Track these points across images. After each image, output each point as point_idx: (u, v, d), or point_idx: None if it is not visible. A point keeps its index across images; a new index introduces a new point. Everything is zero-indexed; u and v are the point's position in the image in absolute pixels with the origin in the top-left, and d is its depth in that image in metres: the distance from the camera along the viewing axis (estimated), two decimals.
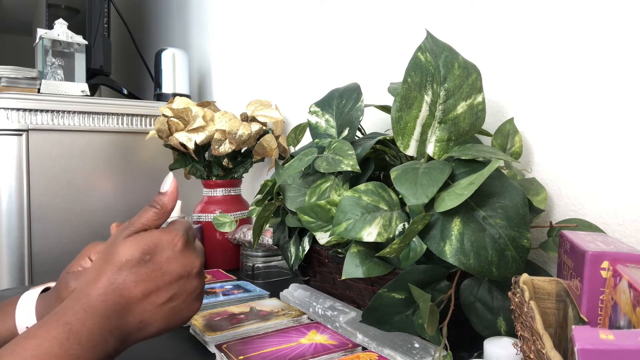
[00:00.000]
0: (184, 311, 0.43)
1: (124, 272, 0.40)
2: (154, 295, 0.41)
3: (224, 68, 1.56)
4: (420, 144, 0.59)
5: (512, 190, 0.53)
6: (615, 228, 0.60)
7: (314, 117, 0.76)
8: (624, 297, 0.33)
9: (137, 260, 0.40)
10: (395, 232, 0.55)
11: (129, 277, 0.40)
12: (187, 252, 0.43)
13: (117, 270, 0.40)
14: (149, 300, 0.41)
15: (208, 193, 1.13)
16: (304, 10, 1.17)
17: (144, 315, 0.41)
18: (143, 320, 0.41)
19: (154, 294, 0.41)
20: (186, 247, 0.43)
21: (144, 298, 0.40)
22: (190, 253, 0.43)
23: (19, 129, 1.24)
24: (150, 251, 0.41)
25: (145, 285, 0.40)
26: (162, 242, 0.42)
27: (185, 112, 1.11)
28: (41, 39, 1.39)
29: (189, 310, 0.44)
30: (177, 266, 0.42)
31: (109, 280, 0.39)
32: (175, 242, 0.42)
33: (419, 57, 0.58)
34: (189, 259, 0.43)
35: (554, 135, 0.67)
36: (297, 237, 0.77)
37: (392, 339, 0.59)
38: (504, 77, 0.73)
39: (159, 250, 0.41)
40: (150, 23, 2.20)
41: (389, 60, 0.94)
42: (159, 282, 0.41)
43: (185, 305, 0.43)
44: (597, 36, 0.61)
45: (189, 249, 0.43)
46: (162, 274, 0.41)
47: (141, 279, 0.40)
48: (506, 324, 0.54)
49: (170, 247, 0.42)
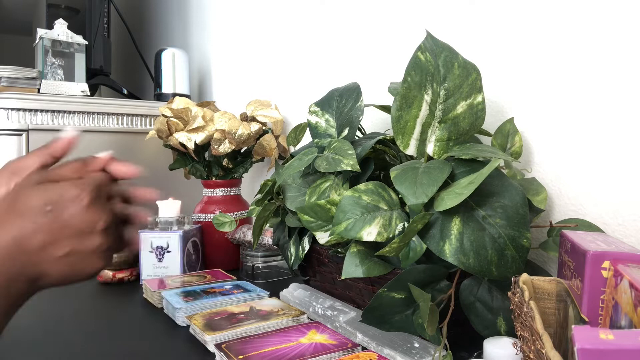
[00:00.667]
0: (85, 267, 0.42)
1: (24, 221, 0.39)
2: (52, 248, 0.40)
3: (224, 68, 1.56)
4: (420, 143, 0.59)
5: (512, 190, 0.53)
6: (615, 228, 0.60)
7: (313, 116, 0.76)
8: (625, 297, 0.33)
9: (38, 209, 0.40)
10: (395, 232, 0.55)
11: (28, 226, 0.39)
12: (92, 209, 0.42)
13: (16, 218, 0.40)
14: (46, 251, 0.40)
15: (208, 193, 1.13)
16: (304, 10, 1.17)
17: (42, 265, 0.40)
18: (42, 270, 0.40)
19: (52, 246, 0.40)
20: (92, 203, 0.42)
21: (41, 249, 0.40)
22: (96, 209, 0.42)
23: (19, 129, 1.24)
24: (53, 202, 0.40)
25: (43, 237, 0.40)
26: (67, 194, 0.41)
27: (185, 112, 1.11)
28: (41, 39, 1.39)
29: (91, 267, 0.43)
30: (78, 221, 0.41)
31: (8, 230, 0.39)
32: (81, 197, 0.42)
33: (419, 56, 0.58)
34: (92, 216, 0.42)
35: (554, 135, 0.67)
36: (297, 237, 0.77)
37: (391, 339, 0.59)
38: (504, 77, 0.73)
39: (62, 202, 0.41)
40: (150, 23, 2.20)
41: (389, 60, 0.94)
42: (57, 235, 0.40)
43: (87, 262, 0.42)
44: (597, 36, 0.61)
45: (94, 205, 0.42)
46: (62, 227, 0.40)
47: (40, 229, 0.40)
48: (506, 323, 0.54)
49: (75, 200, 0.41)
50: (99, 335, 0.69)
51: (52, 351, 0.63)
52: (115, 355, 0.62)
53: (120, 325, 0.73)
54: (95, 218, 0.42)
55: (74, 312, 0.79)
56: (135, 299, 0.86)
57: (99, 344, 0.65)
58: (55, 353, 0.62)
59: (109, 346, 0.65)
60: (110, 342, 0.66)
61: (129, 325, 0.73)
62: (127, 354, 0.62)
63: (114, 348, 0.64)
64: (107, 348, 0.64)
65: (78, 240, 0.41)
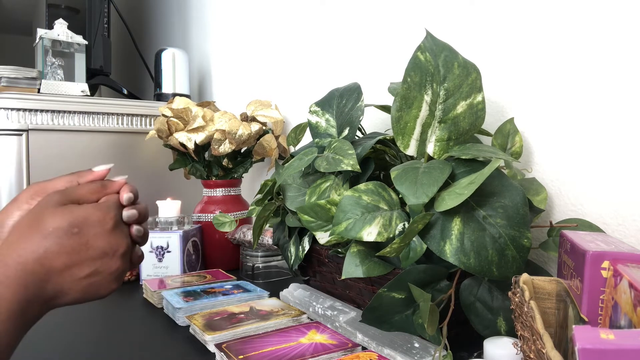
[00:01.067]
0: (101, 288, 0.43)
1: (49, 241, 0.40)
2: (75, 269, 0.41)
3: (224, 68, 1.55)
4: (420, 143, 0.59)
5: (512, 190, 0.53)
6: (615, 228, 0.60)
7: (314, 116, 0.76)
8: (624, 297, 0.33)
9: (64, 231, 0.40)
10: (395, 232, 0.55)
11: (53, 247, 0.40)
12: (115, 232, 0.43)
13: (41, 238, 0.40)
14: (69, 272, 0.41)
15: (208, 193, 1.13)
16: (304, 10, 1.17)
17: (62, 285, 0.41)
18: (61, 290, 0.41)
19: (75, 267, 0.41)
20: (116, 227, 0.43)
21: (65, 270, 0.40)
22: (119, 233, 0.44)
23: (19, 129, 1.24)
24: (79, 224, 0.41)
25: (68, 258, 0.40)
26: (93, 217, 0.42)
27: (185, 112, 1.11)
28: (41, 39, 1.39)
29: (107, 288, 0.44)
30: (103, 244, 0.42)
31: (31, 248, 0.39)
32: (106, 220, 0.43)
33: (419, 56, 0.58)
34: (116, 239, 0.43)
35: (554, 135, 0.67)
36: (297, 237, 0.77)
37: (392, 339, 0.59)
38: (504, 77, 0.73)
39: (88, 224, 0.42)
40: (150, 23, 2.20)
41: (389, 60, 0.94)
42: (82, 256, 0.41)
43: (104, 283, 0.43)
44: (597, 36, 0.61)
45: (118, 228, 0.44)
46: (87, 249, 0.41)
47: (65, 250, 0.40)
48: (506, 323, 0.54)
49: (100, 224, 0.42)
50: (99, 335, 0.69)
51: (52, 351, 0.63)
52: (115, 356, 0.62)
53: (120, 326, 0.73)
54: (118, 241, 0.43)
55: (74, 312, 0.79)
56: (135, 299, 0.86)
57: (98, 344, 0.65)
58: (55, 353, 0.62)
59: (109, 346, 0.65)
60: (110, 342, 0.66)
61: (129, 325, 0.73)
62: (127, 354, 0.62)
63: (114, 348, 0.64)
64: (107, 348, 0.64)
65: (101, 262, 0.42)
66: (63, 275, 0.40)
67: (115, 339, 0.67)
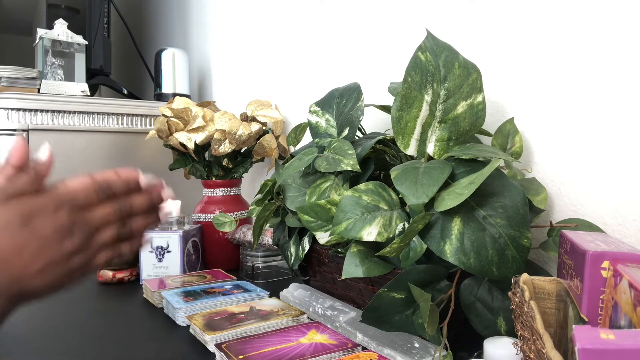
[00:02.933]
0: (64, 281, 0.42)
1: (0, 236, 0.39)
2: (34, 263, 0.40)
3: (224, 68, 1.56)
4: (420, 143, 0.59)
5: (512, 190, 0.53)
6: (615, 228, 0.60)
7: (314, 116, 0.76)
8: (624, 297, 0.33)
9: (14, 224, 0.40)
10: (395, 232, 0.55)
11: (6, 242, 0.39)
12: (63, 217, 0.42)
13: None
14: (30, 267, 0.40)
15: (208, 193, 1.13)
16: (304, 10, 1.17)
17: (22, 282, 0.40)
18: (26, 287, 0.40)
19: (34, 262, 0.40)
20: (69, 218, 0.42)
21: (25, 266, 0.40)
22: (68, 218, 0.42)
23: (19, 129, 1.24)
24: (30, 215, 0.40)
25: (24, 252, 0.40)
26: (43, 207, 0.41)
27: (185, 112, 1.11)
28: (41, 39, 1.39)
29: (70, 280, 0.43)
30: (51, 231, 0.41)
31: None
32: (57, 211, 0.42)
33: (419, 56, 0.58)
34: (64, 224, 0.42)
35: (554, 135, 0.67)
36: (297, 237, 0.77)
37: (392, 339, 0.59)
38: (504, 77, 0.73)
39: (39, 215, 0.41)
40: (150, 23, 2.20)
41: (389, 60, 0.94)
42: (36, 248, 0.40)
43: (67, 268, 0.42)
44: (597, 36, 0.61)
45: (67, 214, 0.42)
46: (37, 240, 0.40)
47: (18, 245, 0.39)
48: (506, 323, 0.54)
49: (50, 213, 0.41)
50: (99, 335, 0.69)
51: (52, 351, 0.63)
52: (115, 356, 0.62)
53: (120, 325, 0.73)
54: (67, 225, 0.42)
55: (74, 312, 0.79)
56: (135, 299, 0.86)
57: (98, 344, 0.65)
58: (55, 353, 0.62)
59: (109, 346, 0.65)
60: (110, 342, 0.66)
61: (129, 325, 0.73)
62: (127, 354, 0.62)
63: (113, 348, 0.64)
64: (107, 348, 0.64)
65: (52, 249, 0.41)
66: (21, 270, 0.40)
67: (115, 339, 0.67)
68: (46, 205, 0.42)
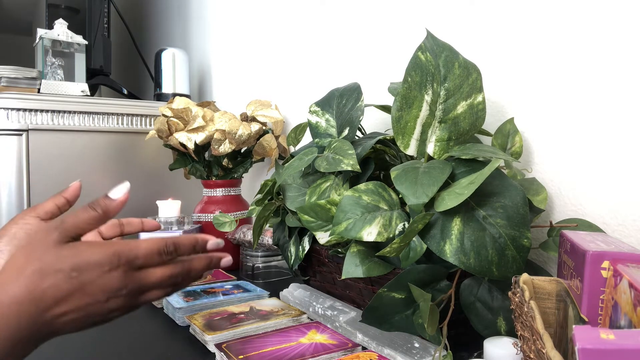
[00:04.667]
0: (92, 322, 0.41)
1: (46, 282, 0.37)
2: (72, 313, 0.39)
3: (224, 68, 1.55)
4: (420, 143, 0.59)
5: (512, 190, 0.53)
6: (615, 228, 0.60)
7: (314, 116, 0.76)
8: (624, 297, 0.33)
9: (64, 274, 0.38)
10: (395, 232, 0.55)
11: (50, 290, 0.37)
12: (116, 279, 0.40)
13: (39, 278, 0.37)
14: (64, 315, 0.39)
15: (208, 193, 1.13)
16: (304, 10, 1.17)
17: (54, 326, 0.39)
18: (52, 330, 0.40)
19: (72, 312, 0.39)
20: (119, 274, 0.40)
21: (62, 315, 0.39)
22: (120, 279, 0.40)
23: (19, 129, 1.24)
24: (79, 268, 0.38)
25: (65, 303, 0.38)
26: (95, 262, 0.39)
27: (185, 112, 1.11)
28: (41, 39, 1.39)
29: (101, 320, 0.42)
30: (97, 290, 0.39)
31: (27, 288, 0.37)
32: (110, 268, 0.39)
33: (419, 56, 0.58)
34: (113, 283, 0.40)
35: (554, 135, 0.67)
36: (297, 237, 0.77)
37: (392, 339, 0.59)
38: (504, 77, 0.73)
39: (88, 269, 0.39)
40: (150, 23, 2.20)
41: (389, 60, 0.94)
42: (79, 302, 0.39)
43: (96, 321, 0.41)
44: (597, 36, 0.61)
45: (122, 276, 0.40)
46: (82, 294, 0.39)
47: (62, 296, 0.38)
48: (506, 323, 0.54)
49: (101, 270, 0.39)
50: (99, 335, 0.69)
51: (51, 351, 0.63)
52: (115, 356, 0.62)
53: (119, 326, 0.73)
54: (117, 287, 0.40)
55: None
56: None
57: (98, 344, 0.65)
58: (55, 353, 0.62)
59: (109, 346, 0.65)
60: (109, 342, 0.66)
61: (128, 325, 0.73)
62: (127, 354, 0.62)
63: (113, 348, 0.64)
64: (107, 348, 0.64)
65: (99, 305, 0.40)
66: (57, 317, 0.39)
67: (115, 339, 0.67)
68: (101, 263, 0.39)
